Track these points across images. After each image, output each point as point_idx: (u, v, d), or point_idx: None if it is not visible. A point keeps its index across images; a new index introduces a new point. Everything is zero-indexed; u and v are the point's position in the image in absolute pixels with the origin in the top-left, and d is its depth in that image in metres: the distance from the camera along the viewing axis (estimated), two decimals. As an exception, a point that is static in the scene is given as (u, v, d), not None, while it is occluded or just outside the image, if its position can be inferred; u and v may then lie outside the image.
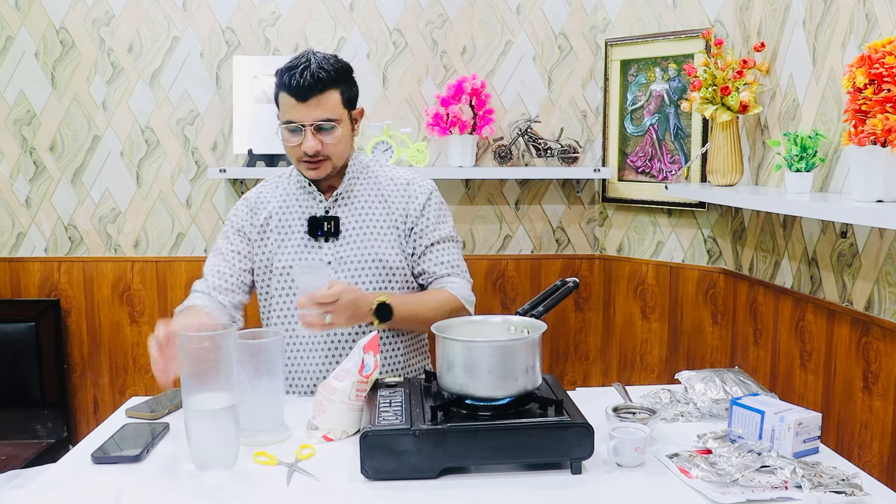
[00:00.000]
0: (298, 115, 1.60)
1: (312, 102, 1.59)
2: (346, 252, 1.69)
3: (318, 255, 1.69)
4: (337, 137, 1.64)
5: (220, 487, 1.20)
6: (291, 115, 1.61)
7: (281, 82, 1.61)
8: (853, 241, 1.83)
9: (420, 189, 1.76)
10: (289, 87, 1.59)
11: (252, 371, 1.34)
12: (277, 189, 1.77)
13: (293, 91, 1.59)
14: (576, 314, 2.86)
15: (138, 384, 2.79)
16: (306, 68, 1.58)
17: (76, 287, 2.76)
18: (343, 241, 1.69)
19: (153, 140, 2.72)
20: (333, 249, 1.69)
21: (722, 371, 1.55)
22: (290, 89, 1.59)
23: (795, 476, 1.16)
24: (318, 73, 1.58)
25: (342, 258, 1.68)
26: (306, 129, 1.61)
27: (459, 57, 2.71)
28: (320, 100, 1.60)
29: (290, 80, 1.58)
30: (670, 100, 2.55)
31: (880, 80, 1.49)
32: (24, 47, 2.66)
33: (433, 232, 1.74)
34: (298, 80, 1.57)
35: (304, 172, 1.68)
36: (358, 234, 1.70)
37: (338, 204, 1.72)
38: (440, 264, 1.73)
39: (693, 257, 2.59)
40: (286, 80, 1.59)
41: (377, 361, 1.39)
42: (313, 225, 1.68)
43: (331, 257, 1.69)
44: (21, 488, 1.19)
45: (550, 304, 1.41)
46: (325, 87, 1.60)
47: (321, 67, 1.59)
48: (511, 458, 1.22)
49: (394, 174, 1.78)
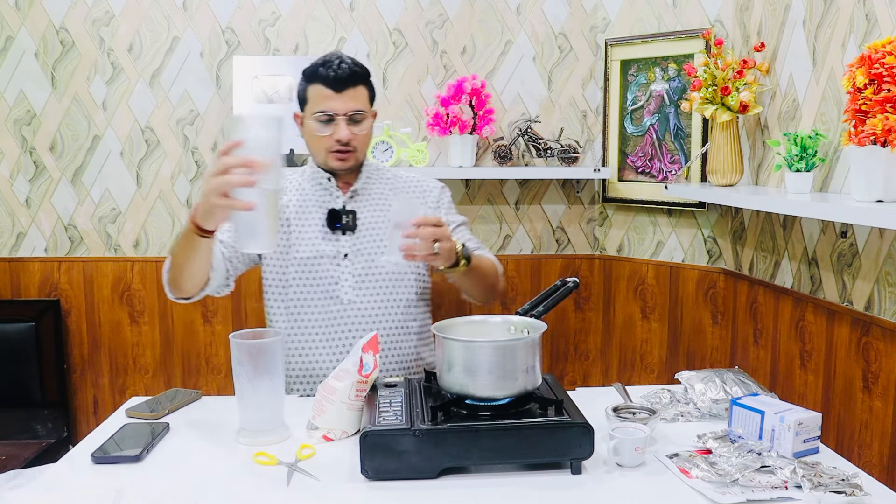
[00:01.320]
0: (333, 105, 1.67)
1: (348, 93, 1.67)
2: (363, 245, 1.74)
3: (336, 246, 1.73)
4: (365, 129, 1.73)
5: (220, 487, 1.20)
6: (325, 106, 1.67)
7: (315, 75, 1.68)
8: (853, 241, 1.83)
9: (432, 185, 1.87)
10: (325, 78, 1.66)
11: (252, 371, 1.34)
12: (292, 184, 1.81)
13: (330, 82, 1.66)
14: (576, 314, 2.86)
15: (138, 384, 2.79)
16: (342, 61, 1.67)
17: (76, 287, 2.76)
18: (360, 235, 1.75)
19: (153, 140, 2.72)
20: (351, 242, 1.74)
21: (722, 371, 1.55)
22: (326, 80, 1.66)
23: (795, 476, 1.16)
24: (354, 67, 1.68)
25: (360, 251, 1.74)
26: (340, 119, 1.68)
27: (459, 57, 2.71)
28: (354, 92, 1.68)
29: (328, 71, 1.66)
30: (670, 100, 2.55)
31: (880, 80, 1.49)
32: (24, 47, 2.66)
33: (455, 217, 1.84)
34: (336, 71, 1.66)
35: (332, 163, 1.72)
36: (374, 229, 1.76)
37: (354, 200, 1.78)
38: (468, 240, 1.78)
39: (693, 257, 2.59)
40: (323, 73, 1.67)
41: (376, 361, 1.39)
42: (332, 217, 1.74)
43: (348, 249, 1.74)
44: (21, 488, 1.19)
45: (550, 304, 1.41)
46: (357, 80, 1.69)
47: (354, 63, 1.70)
48: (511, 458, 1.22)
49: (404, 174, 1.88)
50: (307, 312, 1.74)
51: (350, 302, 1.73)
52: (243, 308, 2.77)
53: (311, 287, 1.73)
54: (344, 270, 1.73)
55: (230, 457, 1.31)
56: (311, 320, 1.74)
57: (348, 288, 1.73)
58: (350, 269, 1.73)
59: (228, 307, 2.77)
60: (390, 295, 1.76)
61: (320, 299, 1.73)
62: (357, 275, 1.73)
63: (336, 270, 1.73)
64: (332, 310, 1.73)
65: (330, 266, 1.73)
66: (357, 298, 1.73)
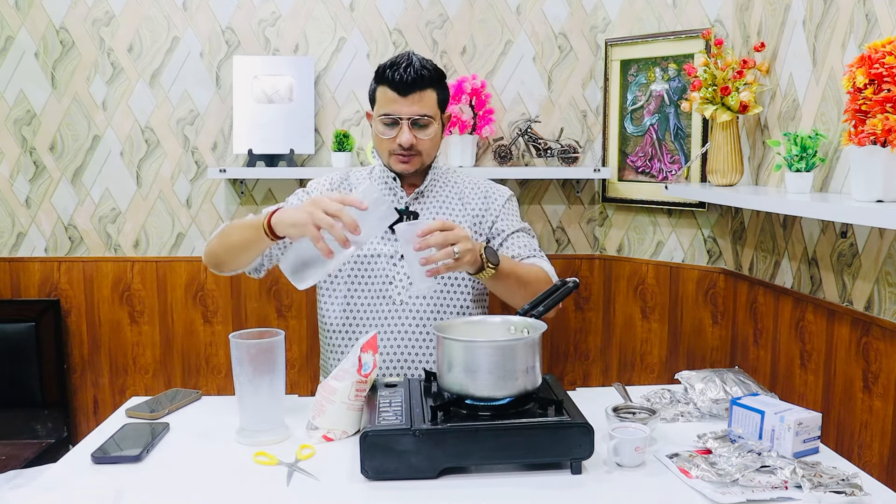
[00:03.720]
0: (398, 108, 1.66)
1: (413, 97, 1.66)
2: None
3: (394, 246, 1.72)
4: (430, 134, 1.70)
5: (220, 487, 1.20)
6: (390, 109, 1.67)
7: (383, 77, 1.67)
8: (853, 241, 1.83)
9: (500, 191, 1.85)
10: (391, 81, 1.65)
11: (252, 371, 1.34)
12: (358, 181, 1.82)
13: (395, 85, 1.65)
14: (576, 314, 2.86)
15: (138, 384, 2.79)
16: (409, 65, 1.65)
17: (76, 287, 2.76)
18: None
19: (153, 140, 2.72)
20: None
21: (722, 371, 1.55)
22: (392, 83, 1.65)
23: (795, 476, 1.16)
24: (421, 70, 1.65)
25: None
26: (403, 123, 1.67)
27: (459, 57, 2.71)
28: (421, 96, 1.67)
29: (394, 74, 1.64)
30: (670, 100, 2.55)
31: (880, 80, 1.49)
32: (24, 47, 2.66)
33: (513, 223, 1.81)
34: (403, 74, 1.64)
35: (394, 166, 1.72)
36: None
37: (418, 201, 1.77)
38: (523, 247, 1.77)
39: (693, 257, 2.59)
40: (389, 75, 1.65)
41: (375, 361, 1.39)
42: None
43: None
44: (21, 488, 1.19)
45: (550, 304, 1.41)
46: (424, 84, 1.67)
47: (423, 66, 1.66)
48: (511, 458, 1.22)
49: (474, 179, 1.87)
50: (360, 310, 1.72)
51: (402, 303, 1.71)
52: (243, 308, 2.77)
53: (365, 285, 1.72)
54: (399, 271, 1.71)
55: (230, 457, 1.31)
56: (364, 318, 1.72)
57: (402, 289, 1.71)
58: (406, 270, 1.71)
59: (228, 307, 2.77)
60: (445, 299, 1.73)
61: (374, 298, 1.72)
62: None
63: (392, 270, 1.71)
64: (385, 310, 1.71)
65: (386, 265, 1.72)
66: (410, 300, 1.71)
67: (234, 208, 2.75)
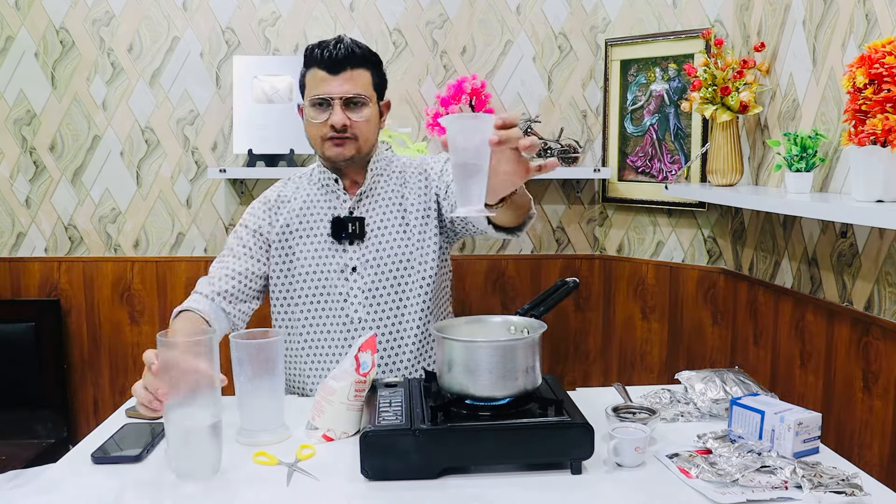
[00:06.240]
0: (328, 88, 1.57)
1: (344, 76, 1.57)
2: (371, 255, 1.63)
3: (342, 258, 1.63)
4: (365, 116, 1.60)
5: (220, 487, 1.20)
6: (320, 90, 1.57)
7: (311, 57, 1.58)
8: (853, 241, 1.83)
9: (436, 158, 1.74)
10: (320, 60, 1.56)
11: (252, 371, 1.34)
12: (298, 189, 1.71)
13: (325, 64, 1.56)
14: (576, 314, 2.86)
15: (138, 384, 2.79)
16: (339, 42, 1.57)
17: (76, 287, 2.76)
18: (368, 244, 1.64)
19: (153, 140, 2.72)
20: (359, 252, 1.63)
21: (722, 371, 1.55)
22: (321, 62, 1.56)
23: (795, 476, 1.16)
24: (352, 47, 1.57)
25: (367, 261, 1.63)
26: (335, 103, 1.57)
27: (459, 57, 2.71)
28: (352, 74, 1.57)
29: (323, 53, 1.56)
30: (670, 100, 2.55)
31: (880, 80, 1.49)
32: (24, 47, 2.66)
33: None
34: (332, 51, 1.55)
35: (328, 151, 1.60)
36: (383, 234, 1.65)
37: (362, 203, 1.66)
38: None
39: (693, 257, 2.59)
40: (318, 54, 1.57)
41: (374, 360, 1.39)
42: (337, 226, 1.63)
43: (356, 262, 1.63)
44: (21, 488, 1.19)
45: (550, 304, 1.41)
46: (356, 63, 1.58)
47: (355, 44, 1.58)
48: (511, 458, 1.22)
49: (411, 161, 1.75)
50: (315, 333, 1.64)
51: (361, 321, 1.62)
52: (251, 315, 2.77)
53: (318, 305, 1.63)
54: (353, 285, 1.62)
55: (230, 457, 1.31)
56: (320, 341, 1.64)
57: (358, 305, 1.62)
58: (360, 283, 1.62)
59: (228, 307, 2.77)
60: (404, 308, 1.64)
61: (328, 318, 1.63)
62: (367, 290, 1.62)
63: (344, 286, 1.62)
64: (342, 330, 1.63)
65: (338, 281, 1.62)
66: (368, 317, 1.62)
67: (234, 208, 2.75)
